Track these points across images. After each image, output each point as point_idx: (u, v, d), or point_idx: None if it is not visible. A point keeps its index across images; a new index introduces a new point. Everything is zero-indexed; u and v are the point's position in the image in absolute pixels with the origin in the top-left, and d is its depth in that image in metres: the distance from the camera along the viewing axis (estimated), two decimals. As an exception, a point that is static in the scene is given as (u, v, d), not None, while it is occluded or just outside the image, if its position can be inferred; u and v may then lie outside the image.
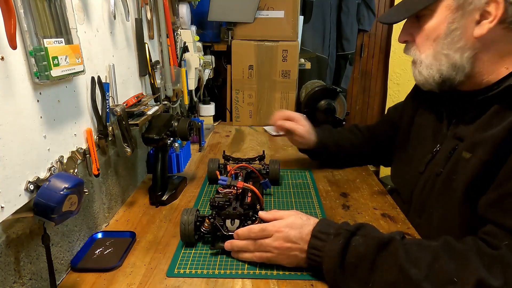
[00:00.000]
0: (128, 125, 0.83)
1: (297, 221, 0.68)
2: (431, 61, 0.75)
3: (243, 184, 0.79)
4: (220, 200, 0.76)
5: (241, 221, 0.74)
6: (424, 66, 0.76)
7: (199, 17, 1.63)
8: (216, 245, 0.74)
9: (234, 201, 0.78)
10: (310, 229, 0.67)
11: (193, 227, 0.74)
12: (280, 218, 0.71)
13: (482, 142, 0.67)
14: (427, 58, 0.75)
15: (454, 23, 0.70)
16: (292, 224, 0.68)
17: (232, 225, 0.73)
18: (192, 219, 0.74)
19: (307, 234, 0.66)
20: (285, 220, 0.69)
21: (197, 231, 0.75)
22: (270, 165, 1.03)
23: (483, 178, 0.66)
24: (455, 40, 0.71)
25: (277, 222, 0.69)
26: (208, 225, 0.75)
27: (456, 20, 0.70)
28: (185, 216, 0.74)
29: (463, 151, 0.72)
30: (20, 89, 0.54)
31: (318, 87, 1.50)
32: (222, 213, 0.74)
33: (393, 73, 2.61)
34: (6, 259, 0.53)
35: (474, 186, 0.68)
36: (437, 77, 0.75)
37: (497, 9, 0.66)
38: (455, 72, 0.73)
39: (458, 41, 0.71)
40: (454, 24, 0.70)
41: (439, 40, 0.73)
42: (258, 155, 1.06)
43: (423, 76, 0.77)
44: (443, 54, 0.73)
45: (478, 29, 0.69)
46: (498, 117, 0.68)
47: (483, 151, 0.67)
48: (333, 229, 0.66)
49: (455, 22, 0.70)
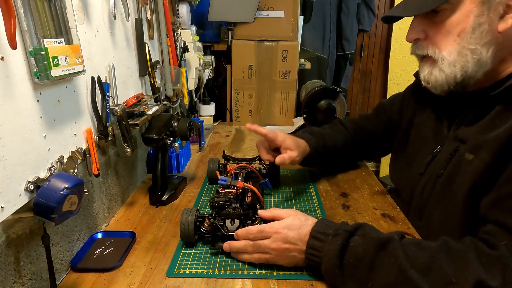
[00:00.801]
0: (128, 125, 0.83)
1: (295, 222, 0.68)
2: (455, 57, 0.70)
3: (243, 184, 0.79)
4: (220, 200, 0.76)
5: (241, 221, 0.74)
6: (447, 64, 0.71)
7: (199, 17, 1.63)
8: (216, 245, 0.74)
9: (234, 201, 0.78)
10: (308, 230, 0.67)
11: (193, 227, 0.74)
12: (278, 217, 0.70)
13: (485, 144, 0.66)
14: (450, 55, 0.70)
15: (482, 16, 0.66)
16: (290, 225, 0.68)
17: (232, 225, 0.74)
18: (192, 219, 0.74)
19: (306, 235, 0.66)
20: (284, 221, 0.69)
21: (197, 231, 0.75)
22: (270, 165, 1.03)
23: (486, 180, 0.66)
24: (483, 34, 0.67)
25: (275, 223, 0.69)
26: (208, 225, 0.75)
27: (485, 13, 0.66)
28: (185, 216, 0.74)
29: (466, 152, 0.71)
30: (20, 89, 0.54)
31: (318, 87, 1.50)
32: (222, 213, 0.74)
33: (393, 73, 2.62)
34: (6, 259, 0.53)
35: (476, 188, 0.67)
36: (459, 76, 0.71)
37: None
38: (478, 69, 0.70)
39: (486, 35, 0.67)
40: (482, 18, 0.66)
41: (464, 35, 0.68)
42: (258, 155, 1.06)
43: (444, 75, 0.72)
44: (470, 49, 0.68)
45: (502, 23, 0.66)
46: (500, 118, 0.67)
47: (486, 153, 0.66)
48: (331, 229, 0.66)
49: (483, 15, 0.66)
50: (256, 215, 0.74)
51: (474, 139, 0.70)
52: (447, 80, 0.72)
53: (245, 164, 1.03)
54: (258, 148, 0.99)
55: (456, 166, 0.73)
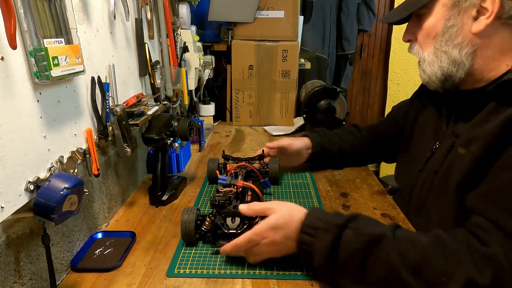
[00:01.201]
0: (128, 125, 0.83)
1: (280, 221, 0.66)
2: (432, 58, 0.76)
3: (243, 183, 0.80)
4: (221, 199, 0.76)
5: (242, 219, 0.74)
6: (427, 64, 0.77)
7: (199, 17, 1.63)
8: (217, 243, 0.75)
9: (235, 199, 0.78)
10: (296, 226, 0.65)
11: (194, 226, 0.74)
12: (261, 212, 0.70)
13: (476, 138, 0.68)
14: (429, 56, 0.77)
15: (451, 20, 0.72)
16: (275, 226, 0.66)
17: (233, 223, 0.74)
18: (193, 218, 0.74)
19: (293, 232, 0.65)
20: (267, 221, 0.67)
21: (198, 230, 0.75)
22: (269, 164, 1.03)
23: (476, 173, 0.66)
24: (452, 36, 0.72)
25: (260, 227, 0.67)
26: (208, 223, 0.75)
27: (453, 17, 0.71)
28: (185, 215, 0.74)
29: (459, 147, 0.72)
30: (20, 89, 0.54)
31: (318, 87, 1.49)
32: (223, 211, 0.75)
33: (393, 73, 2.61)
34: (6, 259, 0.53)
35: (466, 182, 0.68)
36: (439, 74, 0.76)
37: (493, 4, 0.67)
38: (455, 69, 0.74)
39: (455, 37, 0.72)
40: (451, 21, 0.72)
41: (438, 37, 0.74)
42: (258, 155, 1.06)
43: (426, 74, 0.78)
44: (442, 51, 0.74)
45: (475, 25, 0.70)
46: (494, 114, 0.67)
47: (476, 147, 0.67)
48: (322, 223, 0.64)
49: (451, 19, 0.72)
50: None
51: (468, 134, 0.71)
52: (430, 78, 0.78)
53: (245, 163, 1.03)
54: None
55: (451, 161, 0.74)
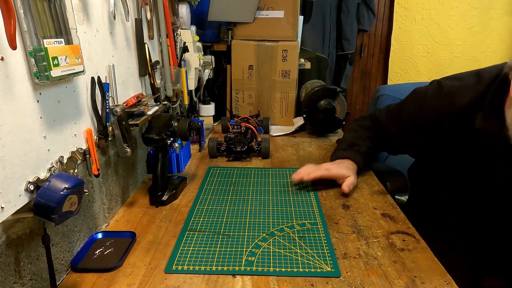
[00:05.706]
0: (128, 125, 0.83)
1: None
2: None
3: (246, 125, 1.36)
4: (232, 134, 1.26)
5: (243, 144, 1.22)
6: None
7: (199, 17, 1.62)
8: (229, 156, 1.24)
9: (240, 135, 1.29)
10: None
11: (216, 148, 1.24)
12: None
13: None
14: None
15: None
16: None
17: (238, 147, 1.21)
18: (214, 143, 1.24)
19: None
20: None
21: (218, 151, 1.25)
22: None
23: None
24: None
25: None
26: (224, 147, 1.25)
27: None
28: (210, 142, 1.24)
29: None
30: (20, 90, 0.54)
31: (318, 87, 1.49)
32: (233, 138, 1.24)
33: (393, 73, 2.61)
34: (6, 259, 0.53)
35: None
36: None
37: None
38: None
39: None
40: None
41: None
42: (255, 114, 1.59)
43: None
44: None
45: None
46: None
47: None
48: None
49: None
50: (255, 140, 1.29)
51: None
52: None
53: (247, 116, 1.53)
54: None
55: None
